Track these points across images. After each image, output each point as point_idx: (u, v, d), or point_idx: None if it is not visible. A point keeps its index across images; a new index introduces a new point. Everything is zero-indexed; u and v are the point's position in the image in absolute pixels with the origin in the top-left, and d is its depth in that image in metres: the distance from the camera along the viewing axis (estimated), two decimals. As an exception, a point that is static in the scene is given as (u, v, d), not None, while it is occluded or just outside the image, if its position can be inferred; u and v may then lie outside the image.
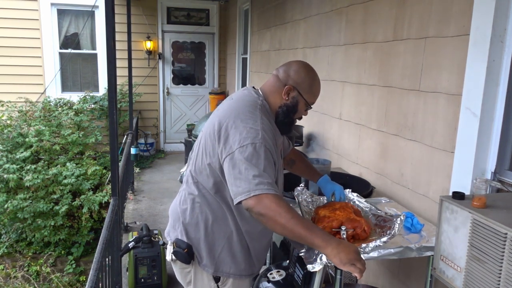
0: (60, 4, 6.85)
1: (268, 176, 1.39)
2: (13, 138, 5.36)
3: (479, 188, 1.41)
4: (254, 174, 1.37)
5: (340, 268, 1.36)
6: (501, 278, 1.24)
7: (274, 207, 1.35)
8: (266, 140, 1.44)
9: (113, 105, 2.40)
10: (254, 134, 1.43)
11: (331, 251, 1.34)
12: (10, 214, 4.82)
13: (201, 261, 1.62)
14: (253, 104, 1.55)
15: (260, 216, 1.36)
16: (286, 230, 1.36)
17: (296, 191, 1.95)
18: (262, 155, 1.41)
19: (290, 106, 1.60)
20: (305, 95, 1.59)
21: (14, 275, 4.70)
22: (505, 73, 1.71)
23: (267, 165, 1.41)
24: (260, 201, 1.35)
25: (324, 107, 3.48)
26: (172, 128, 7.83)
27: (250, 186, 1.36)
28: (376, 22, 2.65)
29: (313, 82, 1.61)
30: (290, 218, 1.34)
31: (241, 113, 1.50)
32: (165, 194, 5.37)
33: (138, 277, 2.99)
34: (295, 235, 1.36)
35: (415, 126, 2.25)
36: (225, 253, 1.61)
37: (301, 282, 2.10)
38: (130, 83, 5.11)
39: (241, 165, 1.39)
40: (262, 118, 1.50)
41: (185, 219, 1.63)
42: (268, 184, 1.37)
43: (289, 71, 1.60)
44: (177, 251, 1.61)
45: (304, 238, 1.36)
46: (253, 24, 5.93)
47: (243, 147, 1.40)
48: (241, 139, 1.42)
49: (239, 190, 1.38)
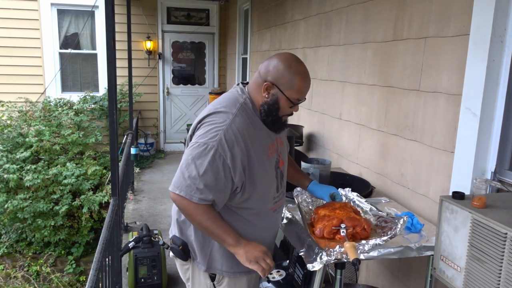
0: (60, 4, 6.85)
1: (201, 182, 1.42)
2: (13, 138, 5.36)
3: (479, 188, 1.41)
4: (190, 175, 1.42)
5: (246, 265, 1.48)
6: (501, 278, 1.24)
7: (190, 210, 1.47)
8: (222, 144, 1.40)
9: (113, 105, 2.40)
10: (213, 134, 1.42)
11: (239, 249, 1.48)
12: (10, 214, 4.82)
13: (195, 258, 1.63)
14: (232, 102, 1.50)
15: (179, 209, 1.52)
16: (201, 227, 1.51)
17: (295, 192, 1.95)
18: (208, 159, 1.40)
19: (270, 104, 1.49)
20: (286, 92, 1.47)
21: (14, 275, 4.71)
22: (505, 73, 1.71)
23: (208, 169, 1.41)
24: (181, 201, 1.46)
25: (324, 107, 3.48)
26: (172, 128, 7.83)
27: (181, 184, 1.45)
28: (376, 22, 2.65)
29: (293, 77, 1.46)
30: (206, 219, 1.47)
31: (216, 110, 1.49)
32: (165, 194, 5.37)
33: (138, 277, 2.98)
34: (208, 232, 1.50)
35: (415, 126, 2.25)
36: (215, 250, 1.60)
37: (301, 282, 2.10)
38: (130, 83, 5.11)
39: (186, 159, 1.45)
40: (236, 116, 1.45)
41: (179, 216, 1.66)
42: (197, 191, 1.42)
43: (269, 66, 1.49)
44: (173, 248, 1.65)
45: (216, 235, 1.49)
46: (253, 24, 5.93)
47: (197, 144, 1.43)
48: (200, 135, 1.45)
49: (174, 181, 1.47)
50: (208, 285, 1.65)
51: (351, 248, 1.47)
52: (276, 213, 1.69)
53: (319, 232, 1.63)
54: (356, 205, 1.88)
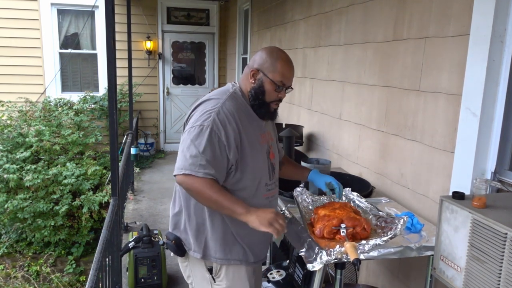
0: (60, 4, 6.85)
1: (203, 158, 1.50)
2: (13, 138, 5.37)
3: (479, 188, 1.41)
4: (191, 154, 1.51)
5: (260, 229, 1.49)
6: (501, 278, 1.24)
7: (197, 186, 1.51)
8: (216, 123, 1.52)
9: (113, 105, 2.40)
10: (206, 116, 1.54)
11: (250, 216, 1.50)
12: (10, 214, 4.82)
13: (190, 247, 1.68)
14: (223, 92, 1.65)
15: (187, 190, 1.56)
16: (210, 202, 1.54)
17: (295, 192, 1.95)
18: (205, 137, 1.51)
19: (256, 88, 1.63)
20: (269, 75, 1.61)
21: (14, 275, 4.71)
22: (505, 73, 1.71)
23: (207, 146, 1.50)
24: (187, 179, 1.51)
25: (324, 107, 3.48)
26: (172, 128, 7.83)
27: (184, 164, 1.51)
28: (376, 22, 2.65)
29: (275, 61, 1.62)
30: (214, 192, 1.51)
31: (208, 98, 1.63)
32: (165, 194, 5.37)
33: (138, 277, 2.98)
34: (218, 205, 1.54)
35: (415, 126, 2.25)
36: (209, 236, 1.64)
37: (301, 282, 2.10)
38: (130, 83, 5.11)
39: (185, 143, 1.54)
40: (226, 102, 1.58)
41: (173, 210, 1.72)
42: (200, 166, 1.50)
43: (255, 56, 1.66)
44: (167, 243, 1.72)
45: (226, 207, 1.53)
46: (253, 24, 5.93)
47: (193, 128, 1.54)
48: (195, 120, 1.56)
49: (177, 165, 1.54)
50: (207, 278, 1.68)
51: (352, 248, 1.47)
52: (269, 202, 1.72)
53: (319, 232, 1.63)
54: (356, 205, 1.88)
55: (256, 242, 1.72)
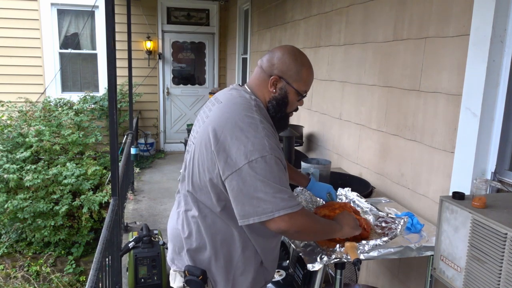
0: (60, 4, 6.85)
1: (288, 190, 1.28)
2: (13, 138, 5.37)
3: (479, 188, 1.41)
4: (274, 192, 1.25)
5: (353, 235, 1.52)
6: (501, 278, 1.24)
7: (308, 222, 1.32)
8: (274, 149, 1.29)
9: (113, 105, 2.40)
10: (261, 145, 1.27)
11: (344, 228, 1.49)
12: (10, 214, 4.82)
13: (215, 286, 1.47)
14: (247, 106, 1.36)
15: (296, 233, 1.32)
16: (318, 235, 1.45)
17: (296, 192, 1.95)
18: (275, 168, 1.27)
19: (279, 99, 1.43)
20: (294, 84, 1.42)
21: (14, 275, 4.71)
22: (505, 73, 1.72)
23: (282, 177, 1.29)
24: (294, 221, 1.27)
25: (324, 107, 3.48)
26: (172, 128, 7.83)
27: (274, 206, 1.24)
28: (376, 22, 2.65)
29: (301, 68, 1.42)
30: (318, 223, 1.41)
31: (238, 120, 1.31)
32: (165, 194, 5.37)
33: (138, 277, 2.98)
34: (325, 235, 1.47)
35: (415, 126, 2.25)
36: (239, 273, 1.47)
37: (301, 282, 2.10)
38: (130, 83, 5.11)
39: (254, 183, 1.24)
40: (262, 122, 1.32)
41: (191, 245, 1.46)
42: (292, 200, 1.27)
43: (273, 59, 1.43)
44: (191, 280, 1.44)
45: (328, 232, 1.47)
46: (253, 24, 5.93)
47: (252, 162, 1.25)
48: (247, 152, 1.26)
49: (258, 210, 1.25)
50: None
51: (352, 248, 1.47)
52: None
53: None
54: (355, 205, 1.88)
55: (275, 258, 1.62)
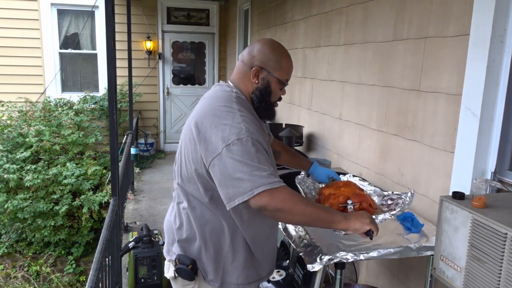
0: (60, 4, 6.85)
1: (268, 168, 1.29)
2: (13, 138, 5.37)
3: (479, 188, 1.41)
4: (252, 170, 1.27)
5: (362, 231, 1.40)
6: (501, 278, 1.24)
7: (289, 197, 1.30)
8: (252, 132, 1.33)
9: (113, 105, 2.40)
10: (238, 129, 1.32)
11: (351, 221, 1.39)
12: (10, 214, 4.82)
13: (206, 276, 1.51)
14: (227, 99, 1.43)
15: (277, 211, 1.30)
16: (305, 217, 1.34)
17: (297, 180, 1.93)
18: (252, 149, 1.30)
19: (262, 89, 1.49)
20: (275, 73, 1.48)
21: (14, 275, 4.71)
22: (505, 73, 1.72)
23: (260, 157, 1.31)
24: (273, 196, 1.27)
25: (324, 107, 3.48)
26: (172, 128, 7.83)
27: (252, 183, 1.26)
28: (376, 22, 2.65)
29: (281, 58, 1.48)
30: (306, 204, 1.33)
31: (217, 110, 1.38)
32: (165, 194, 5.37)
33: (138, 277, 2.98)
34: (314, 219, 1.35)
35: (415, 126, 2.25)
36: (229, 263, 1.49)
37: (301, 282, 2.10)
38: (130, 83, 5.11)
39: (233, 164, 1.28)
40: (240, 110, 1.38)
41: (181, 236, 1.52)
42: (271, 177, 1.28)
43: (253, 51, 1.49)
44: (181, 268, 1.49)
45: (324, 219, 1.37)
46: (253, 24, 5.93)
47: (230, 145, 1.29)
48: (224, 137, 1.31)
49: (240, 191, 1.27)
50: None
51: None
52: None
53: None
54: None
55: (269, 253, 1.63)
